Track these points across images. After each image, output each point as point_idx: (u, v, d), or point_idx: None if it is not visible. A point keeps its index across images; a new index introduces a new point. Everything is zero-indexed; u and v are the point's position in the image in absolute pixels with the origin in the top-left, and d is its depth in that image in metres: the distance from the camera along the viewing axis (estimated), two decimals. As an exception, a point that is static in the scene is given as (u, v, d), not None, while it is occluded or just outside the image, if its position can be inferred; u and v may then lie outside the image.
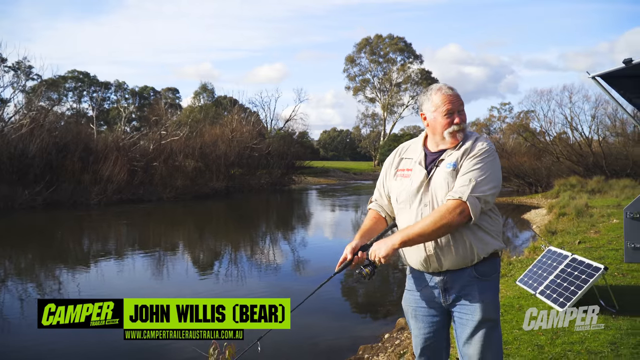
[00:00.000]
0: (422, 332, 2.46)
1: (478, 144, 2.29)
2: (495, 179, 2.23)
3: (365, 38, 63.33)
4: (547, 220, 17.05)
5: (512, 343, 4.23)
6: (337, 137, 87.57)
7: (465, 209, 2.15)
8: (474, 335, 2.28)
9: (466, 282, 2.29)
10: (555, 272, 5.66)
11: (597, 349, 4.02)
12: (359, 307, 8.22)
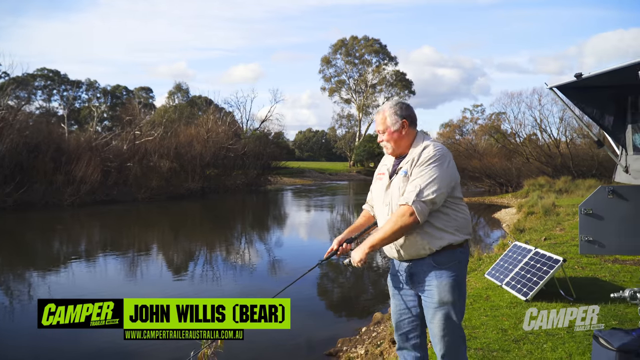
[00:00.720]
0: (397, 309, 2.81)
1: (425, 151, 2.61)
2: (440, 182, 2.51)
3: (341, 39, 63.83)
4: (517, 219, 17.66)
5: (480, 327, 4.58)
6: (313, 137, 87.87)
7: (413, 213, 2.48)
8: (434, 315, 2.59)
9: (426, 269, 2.61)
10: (520, 264, 6.06)
11: (555, 331, 4.40)
12: (337, 305, 8.45)
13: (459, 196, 2.64)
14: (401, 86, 62.20)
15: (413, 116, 2.76)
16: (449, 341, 2.57)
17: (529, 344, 4.12)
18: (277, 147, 48.07)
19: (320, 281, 9.59)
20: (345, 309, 8.12)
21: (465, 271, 2.65)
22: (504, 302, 5.41)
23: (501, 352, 3.97)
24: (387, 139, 2.74)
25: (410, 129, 2.73)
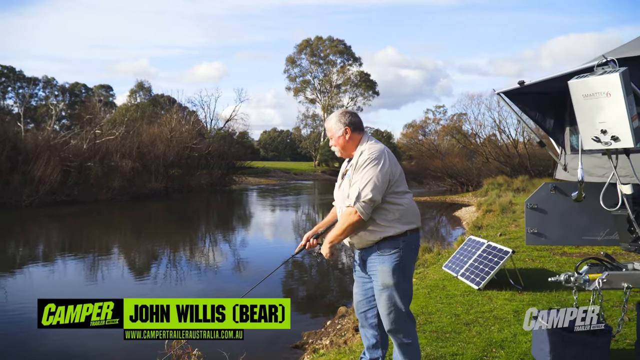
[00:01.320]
0: (356, 291, 3.21)
1: (361, 156, 2.95)
2: (376, 182, 2.84)
3: (306, 39, 64.07)
4: (476, 216, 18.36)
5: (435, 313, 4.94)
6: (278, 137, 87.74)
7: (356, 213, 2.86)
8: (380, 296, 2.95)
9: (373, 257, 2.97)
10: (474, 257, 6.48)
11: (503, 315, 4.80)
12: (302, 303, 8.64)
13: (400, 190, 2.96)
14: (365, 87, 62.98)
15: (356, 122, 3.07)
16: (393, 318, 2.91)
17: (478, 327, 4.50)
18: (242, 147, 47.88)
19: (286, 281, 9.77)
20: (310, 307, 8.32)
21: (409, 257, 2.96)
22: (458, 291, 5.80)
23: (453, 334, 4.33)
24: (334, 144, 3.12)
25: (354, 134, 3.05)
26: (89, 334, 7.33)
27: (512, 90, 4.30)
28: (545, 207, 4.94)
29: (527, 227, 5.04)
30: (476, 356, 3.82)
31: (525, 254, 8.18)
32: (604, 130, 3.07)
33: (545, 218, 4.96)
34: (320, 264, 11.43)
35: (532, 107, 4.50)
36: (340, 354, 4.18)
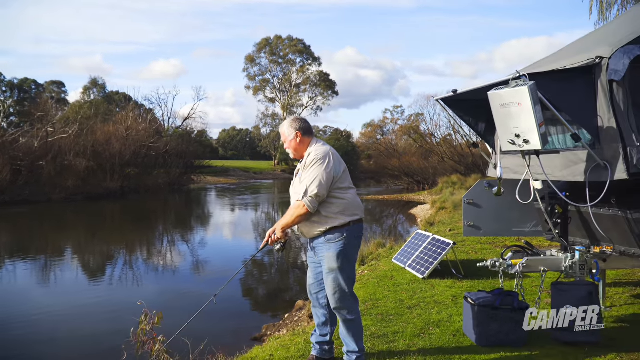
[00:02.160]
0: (309, 275, 3.65)
1: (309, 157, 3.38)
2: (321, 179, 3.27)
3: (265, 38, 64.03)
4: (430, 214, 19.13)
5: (382, 299, 5.42)
6: (237, 136, 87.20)
7: (304, 206, 3.28)
8: (326, 279, 3.39)
9: (321, 244, 3.40)
10: (420, 249, 7.01)
11: (442, 300, 5.32)
12: (263, 298, 8.96)
13: (344, 186, 3.41)
14: (325, 86, 63.54)
15: (305, 127, 3.51)
16: (338, 297, 3.36)
17: (419, 310, 5.00)
18: (201, 146, 47.53)
19: (246, 281, 10.01)
20: (270, 303, 8.60)
21: (353, 244, 3.41)
22: (405, 280, 6.30)
23: (396, 316, 4.80)
24: (287, 146, 3.57)
25: (304, 138, 3.49)
26: (58, 321, 7.47)
27: (448, 98, 4.80)
28: (480, 203, 5.50)
29: (465, 220, 5.59)
30: (415, 333, 4.30)
31: (469, 247, 8.81)
32: (517, 134, 3.59)
33: (480, 212, 5.51)
34: (280, 263, 11.77)
35: (466, 112, 5.03)
36: (295, 335, 4.58)
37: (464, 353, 3.86)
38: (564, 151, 4.18)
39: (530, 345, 3.98)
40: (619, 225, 4.16)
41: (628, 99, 3.66)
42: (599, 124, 3.73)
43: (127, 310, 6.80)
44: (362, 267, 8.10)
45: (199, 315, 3.84)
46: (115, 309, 7.89)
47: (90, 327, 7.00)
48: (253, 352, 4.18)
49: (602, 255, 4.32)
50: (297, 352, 3.95)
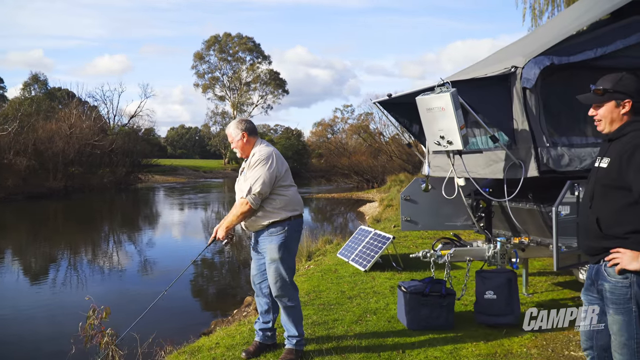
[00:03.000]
0: (252, 266, 3.88)
1: (253, 157, 3.62)
2: (264, 179, 3.51)
3: (214, 36, 63.12)
4: (378, 211, 19.69)
5: (325, 291, 5.71)
6: (186, 134, 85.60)
7: (248, 203, 3.53)
8: (269, 268, 3.64)
9: (263, 237, 3.67)
10: (363, 243, 7.37)
11: (381, 290, 5.67)
12: (213, 297, 9.02)
13: (286, 184, 3.67)
14: (275, 85, 63.46)
15: (251, 128, 3.74)
16: (279, 286, 3.62)
17: (359, 299, 5.33)
18: (148, 144, 46.45)
19: (196, 281, 10.03)
20: (220, 301, 8.68)
21: (293, 237, 3.69)
22: (347, 273, 6.63)
23: (337, 305, 5.11)
24: (234, 146, 3.78)
25: (250, 138, 3.72)
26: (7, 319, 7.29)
27: (385, 101, 5.15)
28: (416, 199, 5.88)
29: (402, 215, 5.96)
30: (353, 320, 4.61)
31: (410, 242, 9.27)
32: (442, 136, 3.97)
33: (417, 208, 5.89)
34: (230, 263, 11.86)
35: (401, 115, 5.40)
36: (240, 325, 4.79)
37: (397, 336, 4.20)
38: (486, 151, 4.61)
39: (457, 329, 4.37)
40: (535, 218, 4.63)
41: (539, 105, 4.12)
42: (514, 127, 4.17)
43: (71, 313, 6.78)
44: (308, 262, 8.38)
45: (148, 314, 3.96)
46: (59, 312, 7.78)
47: (33, 330, 6.88)
48: (200, 342, 4.35)
49: (520, 246, 4.78)
50: (242, 339, 4.17)
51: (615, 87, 2.35)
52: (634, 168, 2.19)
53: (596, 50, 4.16)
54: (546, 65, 4.00)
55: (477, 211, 5.08)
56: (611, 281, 2.31)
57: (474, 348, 3.93)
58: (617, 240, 2.27)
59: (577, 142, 4.19)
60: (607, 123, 2.39)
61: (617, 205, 2.28)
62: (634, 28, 4.37)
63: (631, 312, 2.28)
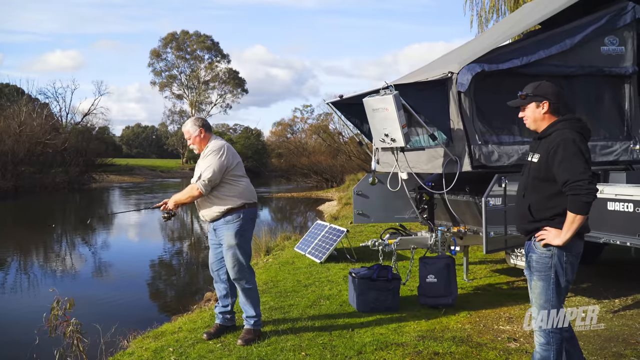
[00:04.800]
0: (210, 254, 4.17)
1: (207, 149, 3.93)
2: (214, 167, 3.81)
3: (172, 33, 62.11)
4: (336, 209, 20.16)
5: (282, 281, 6.06)
6: (143, 133, 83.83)
7: (198, 189, 3.85)
8: (226, 254, 3.94)
9: (220, 225, 3.96)
10: (319, 237, 7.75)
11: (335, 279, 6.06)
12: (173, 298, 9.06)
13: (238, 174, 3.98)
14: (234, 84, 63.15)
15: (207, 125, 4.07)
16: (237, 269, 3.95)
17: (314, 287, 5.70)
18: (103, 143, 45.36)
19: (153, 283, 10.03)
20: (181, 300, 8.76)
21: (248, 224, 4.01)
22: (304, 265, 6.99)
23: (293, 293, 5.46)
24: (191, 142, 4.05)
25: (206, 134, 4.02)
26: None
27: (336, 102, 5.53)
28: (367, 193, 6.29)
29: (354, 209, 6.37)
30: (307, 305, 4.98)
31: (365, 235, 9.72)
32: (386, 134, 4.38)
33: (368, 202, 6.31)
34: (190, 263, 11.92)
35: (353, 114, 5.80)
36: (202, 312, 5.08)
37: (347, 317, 4.59)
38: (428, 148, 5.07)
39: (402, 310, 4.80)
40: (471, 208, 5.13)
41: (472, 107, 4.60)
42: (451, 126, 4.64)
43: (28, 312, 6.80)
44: (266, 256, 8.68)
45: (110, 312, 4.16)
46: (17, 310, 7.74)
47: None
48: (163, 327, 4.61)
49: (459, 234, 5.28)
50: (203, 323, 4.45)
51: (534, 91, 2.84)
52: (558, 162, 2.63)
53: (522, 59, 4.68)
54: (478, 71, 4.47)
55: (421, 203, 5.55)
56: (537, 252, 2.75)
57: (415, 325, 4.37)
58: (545, 222, 2.72)
59: (505, 140, 4.70)
60: (532, 121, 2.87)
61: (546, 194, 2.73)
62: (555, 39, 4.92)
63: (550, 279, 2.72)
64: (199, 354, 3.80)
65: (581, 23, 5.08)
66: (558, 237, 2.64)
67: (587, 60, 5.01)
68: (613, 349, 3.78)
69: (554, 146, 2.67)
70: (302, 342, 3.93)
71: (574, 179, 2.56)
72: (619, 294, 5.18)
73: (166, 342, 4.11)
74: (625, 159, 5.08)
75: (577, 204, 2.57)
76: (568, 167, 2.59)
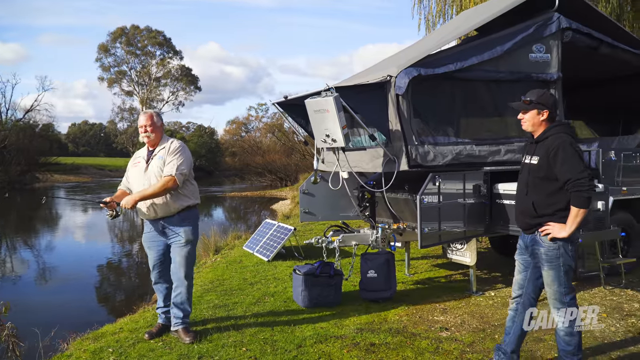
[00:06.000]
0: (153, 255, 4.14)
1: (172, 145, 4.02)
2: (187, 162, 3.95)
3: (121, 27, 60.10)
4: (289, 208, 20.23)
5: (229, 279, 6.11)
6: (90, 131, 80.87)
7: (174, 180, 3.87)
8: (182, 250, 4.01)
9: (175, 221, 3.99)
10: (267, 236, 7.82)
11: (281, 277, 6.16)
12: (122, 301, 8.87)
13: (192, 175, 4.11)
14: (187, 81, 61.86)
15: (163, 122, 4.13)
16: (189, 265, 4.05)
17: (260, 285, 5.78)
18: (47, 141, 43.53)
19: (101, 287, 9.76)
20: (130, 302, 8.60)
21: (198, 223, 4.12)
22: (251, 263, 7.06)
23: (239, 290, 5.53)
24: (151, 130, 4.01)
25: (162, 129, 4.09)
26: None
27: (282, 102, 5.63)
28: (314, 192, 6.42)
29: (301, 207, 6.49)
30: (252, 302, 5.06)
31: (314, 234, 9.80)
32: (327, 134, 4.52)
33: (314, 200, 6.44)
34: (139, 266, 11.66)
35: (298, 114, 5.90)
36: (144, 312, 5.05)
37: (291, 313, 4.71)
38: (369, 148, 5.26)
39: (344, 304, 4.97)
40: (410, 206, 5.35)
41: (410, 109, 4.81)
42: (390, 128, 4.83)
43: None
44: (215, 255, 8.66)
45: (50, 319, 4.08)
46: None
47: None
48: (104, 328, 4.56)
49: (398, 230, 5.49)
50: (145, 323, 4.45)
51: (538, 99, 3.12)
52: (559, 163, 2.95)
53: (456, 64, 4.93)
54: (415, 75, 4.68)
55: (363, 202, 5.73)
56: (545, 246, 3.07)
57: (355, 319, 4.53)
58: (547, 217, 3.04)
59: (440, 141, 4.94)
60: (530, 125, 3.16)
61: (547, 191, 3.04)
62: (487, 46, 5.21)
63: (560, 267, 3.05)
64: (140, 353, 3.81)
65: (512, 31, 5.41)
66: (563, 230, 2.97)
67: (516, 66, 5.33)
68: (534, 335, 4.06)
69: (553, 148, 2.98)
70: (243, 338, 4.01)
71: (576, 177, 2.89)
72: (546, 285, 5.55)
73: (106, 343, 4.09)
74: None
75: (580, 199, 2.91)
76: (569, 167, 2.92)
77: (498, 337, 3.99)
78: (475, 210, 5.04)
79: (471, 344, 3.88)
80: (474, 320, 4.45)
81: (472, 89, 5.24)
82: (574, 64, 5.82)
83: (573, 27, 5.54)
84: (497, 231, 5.27)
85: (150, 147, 4.09)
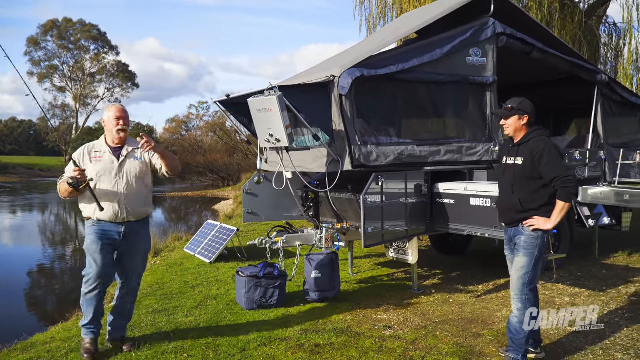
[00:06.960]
0: (101, 264, 3.64)
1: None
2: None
3: (52, 20, 56.97)
4: (232, 208, 19.93)
5: (169, 282, 5.92)
6: (18, 128, 76.08)
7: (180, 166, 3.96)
8: (142, 256, 3.91)
9: (139, 226, 3.81)
10: (209, 237, 7.65)
11: (224, 279, 6.03)
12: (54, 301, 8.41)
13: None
14: (124, 77, 59.61)
15: None
16: (141, 274, 3.96)
17: (202, 287, 5.64)
18: (-31, 139, 40.53)
19: (31, 292, 9.11)
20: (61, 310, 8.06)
21: None
22: (192, 266, 6.87)
23: (179, 294, 5.36)
24: (128, 124, 3.80)
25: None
26: None
27: (224, 100, 5.51)
28: (257, 192, 6.33)
29: (244, 208, 6.39)
30: (193, 306, 4.92)
31: (258, 234, 9.67)
32: (270, 134, 4.47)
33: (257, 200, 6.36)
34: (74, 269, 11.05)
35: (240, 113, 5.80)
36: (78, 319, 4.76)
37: (234, 316, 4.61)
38: (313, 148, 5.24)
39: (289, 305, 4.92)
40: (353, 206, 5.40)
41: (353, 109, 4.84)
42: (333, 128, 4.84)
43: None
44: (155, 258, 8.37)
45: None
46: None
47: None
48: (33, 338, 4.28)
49: (342, 230, 5.52)
50: (78, 331, 4.19)
51: (519, 106, 3.41)
52: (545, 163, 3.25)
53: (398, 66, 5.01)
54: (357, 76, 4.71)
55: (307, 202, 5.72)
56: (525, 234, 3.36)
57: (300, 320, 4.50)
58: (532, 212, 3.33)
59: (383, 141, 5.01)
60: (512, 130, 3.45)
61: (532, 189, 3.34)
62: (427, 49, 5.34)
63: (533, 255, 3.33)
64: (73, 363, 3.60)
65: (450, 34, 5.57)
66: (547, 222, 3.28)
67: (454, 69, 5.50)
68: (473, 330, 4.20)
69: (539, 151, 3.29)
70: (185, 344, 3.88)
71: (563, 175, 3.22)
72: (483, 280, 5.78)
73: (36, 354, 3.83)
74: (487, 159, 5.66)
75: (567, 194, 3.23)
76: (554, 167, 3.25)
77: (439, 334, 4.10)
78: (416, 209, 5.15)
79: (414, 342, 3.95)
80: (416, 317, 4.55)
81: (413, 91, 5.36)
82: (508, 67, 6.09)
83: (507, 32, 5.78)
84: (438, 230, 5.41)
85: (119, 143, 3.75)
